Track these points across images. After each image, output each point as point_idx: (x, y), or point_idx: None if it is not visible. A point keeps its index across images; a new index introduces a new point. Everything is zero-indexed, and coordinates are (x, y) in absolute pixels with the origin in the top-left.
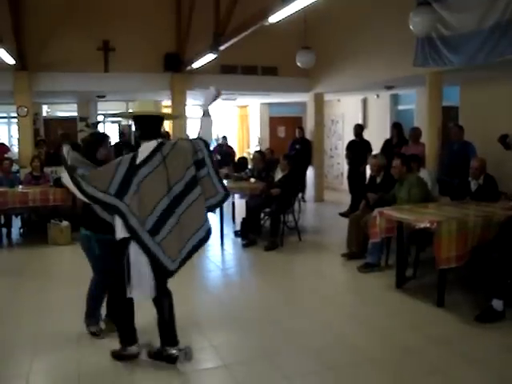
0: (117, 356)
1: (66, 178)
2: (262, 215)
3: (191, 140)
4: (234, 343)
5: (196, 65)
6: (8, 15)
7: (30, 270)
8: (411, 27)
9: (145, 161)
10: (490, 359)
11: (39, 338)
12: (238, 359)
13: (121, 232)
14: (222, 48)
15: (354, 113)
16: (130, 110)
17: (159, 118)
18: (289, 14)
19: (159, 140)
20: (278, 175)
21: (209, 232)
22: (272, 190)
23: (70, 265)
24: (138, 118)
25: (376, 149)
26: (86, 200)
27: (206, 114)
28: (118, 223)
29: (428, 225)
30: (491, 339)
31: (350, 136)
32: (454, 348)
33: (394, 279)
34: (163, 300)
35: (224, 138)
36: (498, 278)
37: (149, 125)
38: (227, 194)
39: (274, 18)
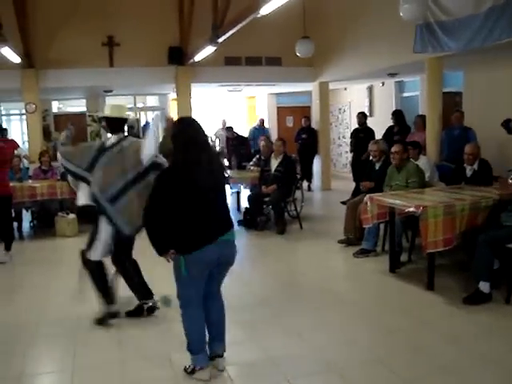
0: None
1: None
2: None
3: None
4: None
5: (198, 57)
6: (13, 15)
7: (38, 260)
8: (401, 14)
9: (111, 146)
10: (470, 338)
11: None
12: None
13: (82, 200)
14: (220, 40)
15: (360, 101)
16: (101, 113)
17: (124, 120)
18: (279, 5)
19: (122, 135)
20: (274, 163)
21: None
22: (267, 189)
23: (75, 255)
24: (109, 118)
25: (380, 136)
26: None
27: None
28: (81, 194)
29: (414, 209)
30: (475, 320)
31: (356, 124)
32: (437, 328)
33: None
34: (126, 262)
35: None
36: (485, 261)
37: (116, 123)
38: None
39: (265, 10)
